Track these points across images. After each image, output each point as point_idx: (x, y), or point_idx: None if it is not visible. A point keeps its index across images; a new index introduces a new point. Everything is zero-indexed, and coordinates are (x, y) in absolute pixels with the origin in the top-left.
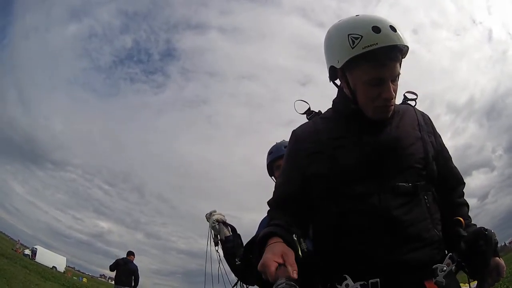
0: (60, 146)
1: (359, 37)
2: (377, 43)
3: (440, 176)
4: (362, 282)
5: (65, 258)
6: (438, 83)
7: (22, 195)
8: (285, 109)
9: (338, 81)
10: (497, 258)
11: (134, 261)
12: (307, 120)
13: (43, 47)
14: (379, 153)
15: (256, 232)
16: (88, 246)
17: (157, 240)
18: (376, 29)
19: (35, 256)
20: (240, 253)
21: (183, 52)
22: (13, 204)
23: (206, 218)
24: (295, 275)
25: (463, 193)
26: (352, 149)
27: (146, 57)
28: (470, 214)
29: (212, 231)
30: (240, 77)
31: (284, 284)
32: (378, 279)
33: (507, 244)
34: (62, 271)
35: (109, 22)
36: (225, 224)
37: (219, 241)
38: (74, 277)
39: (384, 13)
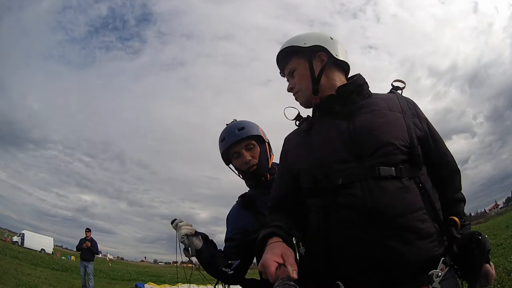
0: (39, 124)
1: None
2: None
3: (432, 162)
4: None
5: (52, 239)
6: (419, 47)
7: (5, 180)
8: (262, 68)
9: None
10: (488, 265)
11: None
12: (297, 127)
13: (16, 26)
14: (354, 135)
15: (227, 227)
16: (73, 222)
17: (140, 207)
18: None
19: (23, 241)
20: (221, 260)
21: (159, 15)
22: None
23: (173, 227)
24: (295, 275)
25: (460, 187)
26: (327, 136)
27: (122, 23)
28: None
29: (182, 245)
30: (217, 37)
31: (284, 284)
32: None
33: (487, 211)
34: (51, 252)
35: None
36: (195, 234)
37: (194, 254)
38: (63, 257)
39: None
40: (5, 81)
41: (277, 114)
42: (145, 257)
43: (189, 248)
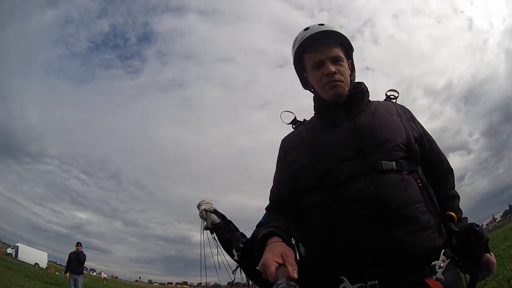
0: (36, 137)
1: (296, 38)
2: (305, 36)
3: (427, 161)
4: (360, 284)
5: (46, 254)
6: (416, 67)
7: (0, 191)
8: (260, 91)
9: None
10: (488, 254)
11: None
12: (293, 130)
13: (19, 35)
14: (356, 133)
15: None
16: (67, 239)
17: (135, 227)
18: (306, 28)
19: (17, 254)
20: (237, 242)
21: (160, 35)
22: None
23: (197, 207)
24: (295, 275)
25: (454, 184)
26: (329, 134)
27: (123, 41)
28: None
29: (201, 219)
30: (216, 59)
31: (284, 284)
32: (377, 281)
33: (484, 226)
34: (45, 267)
35: (86, 6)
36: (214, 212)
37: (210, 228)
38: (57, 272)
39: None
40: (5, 90)
41: (273, 137)
42: (140, 277)
43: (206, 222)
